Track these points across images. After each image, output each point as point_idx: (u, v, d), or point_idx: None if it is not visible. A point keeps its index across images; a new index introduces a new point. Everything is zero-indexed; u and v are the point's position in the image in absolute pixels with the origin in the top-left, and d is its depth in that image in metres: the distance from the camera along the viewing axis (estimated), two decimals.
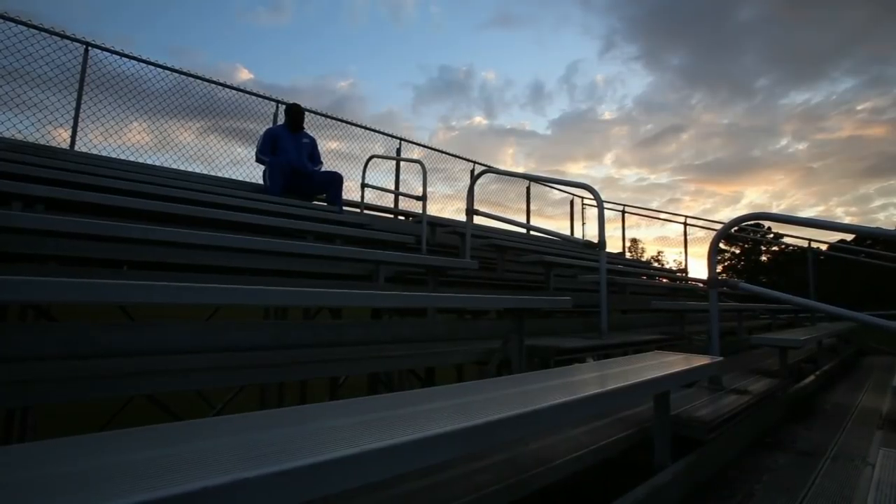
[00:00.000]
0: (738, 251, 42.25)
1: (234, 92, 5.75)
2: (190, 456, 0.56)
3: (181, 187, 3.52)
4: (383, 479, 0.62)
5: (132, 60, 5.00)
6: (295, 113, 5.11)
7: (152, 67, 5.15)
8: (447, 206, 8.11)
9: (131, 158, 4.90)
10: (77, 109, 4.64)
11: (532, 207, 9.27)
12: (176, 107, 5.33)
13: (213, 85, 5.58)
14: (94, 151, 4.71)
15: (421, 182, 4.42)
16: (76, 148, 4.61)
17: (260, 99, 5.94)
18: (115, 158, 4.73)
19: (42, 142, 4.45)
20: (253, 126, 5.86)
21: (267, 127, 5.38)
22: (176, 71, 5.31)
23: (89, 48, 4.71)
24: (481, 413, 0.80)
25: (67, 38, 4.58)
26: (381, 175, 6.91)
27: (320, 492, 0.55)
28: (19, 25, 4.31)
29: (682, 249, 9.86)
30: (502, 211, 8.62)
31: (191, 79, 5.42)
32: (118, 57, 4.92)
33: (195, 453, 0.57)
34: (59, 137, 4.59)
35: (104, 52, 4.82)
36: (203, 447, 0.60)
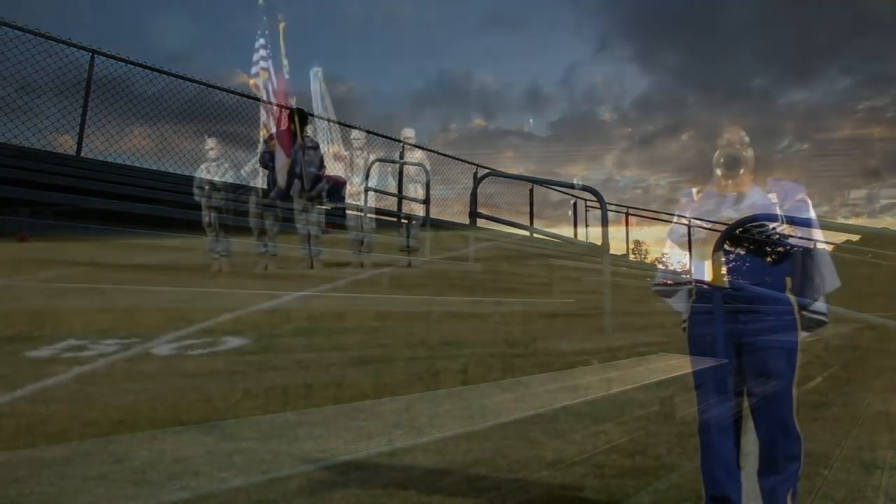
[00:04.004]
0: (742, 252, 42.02)
1: (236, 97, 5.78)
2: None
3: (184, 192, 3.54)
4: (387, 480, 0.62)
5: (137, 67, 5.05)
6: (298, 117, 5.13)
7: (156, 73, 5.19)
8: (447, 209, 8.11)
9: (136, 164, 4.94)
10: (83, 116, 4.67)
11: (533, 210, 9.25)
12: (179, 111, 5.37)
13: (215, 90, 5.62)
14: (100, 158, 4.75)
15: (423, 185, 4.43)
16: (82, 154, 4.64)
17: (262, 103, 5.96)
18: (120, 164, 4.76)
19: (48, 149, 4.48)
20: (256, 131, 5.88)
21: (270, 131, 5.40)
22: (180, 77, 5.35)
23: (95, 55, 4.75)
24: (486, 416, 0.80)
25: (74, 45, 4.62)
26: (383, 179, 6.91)
27: None
28: (27, 34, 4.35)
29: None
30: (503, 213, 8.60)
31: (193, 84, 5.46)
32: (123, 63, 4.96)
33: None
34: (66, 144, 4.63)
35: (109, 59, 4.87)
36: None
